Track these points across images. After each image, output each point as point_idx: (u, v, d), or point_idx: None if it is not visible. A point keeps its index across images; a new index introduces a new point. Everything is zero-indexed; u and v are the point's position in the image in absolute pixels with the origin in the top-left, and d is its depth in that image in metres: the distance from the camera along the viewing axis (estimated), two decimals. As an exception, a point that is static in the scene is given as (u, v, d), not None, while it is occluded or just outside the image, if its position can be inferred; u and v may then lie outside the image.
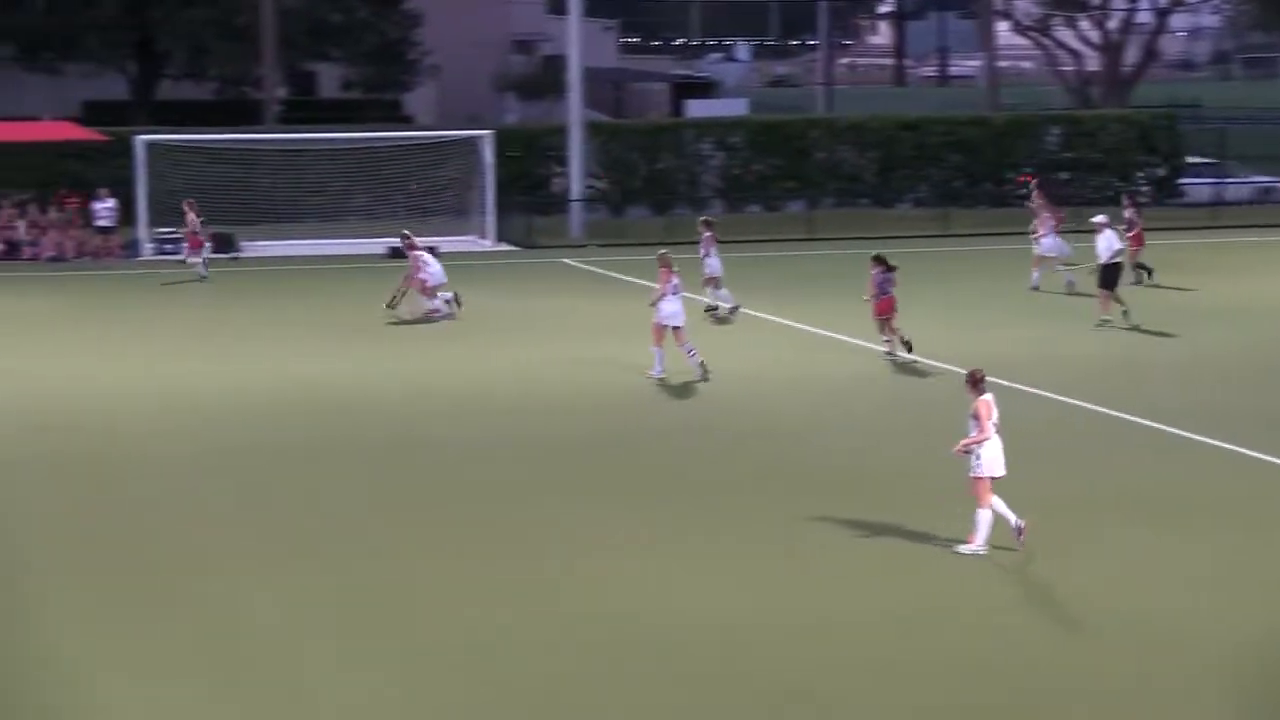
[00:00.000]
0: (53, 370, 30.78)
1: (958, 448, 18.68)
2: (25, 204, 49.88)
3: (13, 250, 47.95)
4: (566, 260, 47.52)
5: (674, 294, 28.91)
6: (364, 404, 27.61)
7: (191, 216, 43.23)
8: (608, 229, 53.33)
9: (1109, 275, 35.05)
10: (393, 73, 72.54)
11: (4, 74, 70.61)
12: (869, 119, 62.12)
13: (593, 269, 45.62)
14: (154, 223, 49.29)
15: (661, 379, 28.90)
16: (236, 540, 19.84)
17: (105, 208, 48.92)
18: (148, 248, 48.92)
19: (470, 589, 17.92)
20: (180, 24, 66.22)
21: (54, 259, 47.87)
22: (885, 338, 31.28)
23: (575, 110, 54.91)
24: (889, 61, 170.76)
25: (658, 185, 57.95)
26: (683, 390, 28.50)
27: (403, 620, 16.92)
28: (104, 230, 48.92)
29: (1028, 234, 41.22)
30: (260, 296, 41.13)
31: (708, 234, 35.90)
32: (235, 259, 47.92)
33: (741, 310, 36.25)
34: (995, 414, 18.53)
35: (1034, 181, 45.71)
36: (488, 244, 51.47)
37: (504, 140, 53.88)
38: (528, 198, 54.49)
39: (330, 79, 74.95)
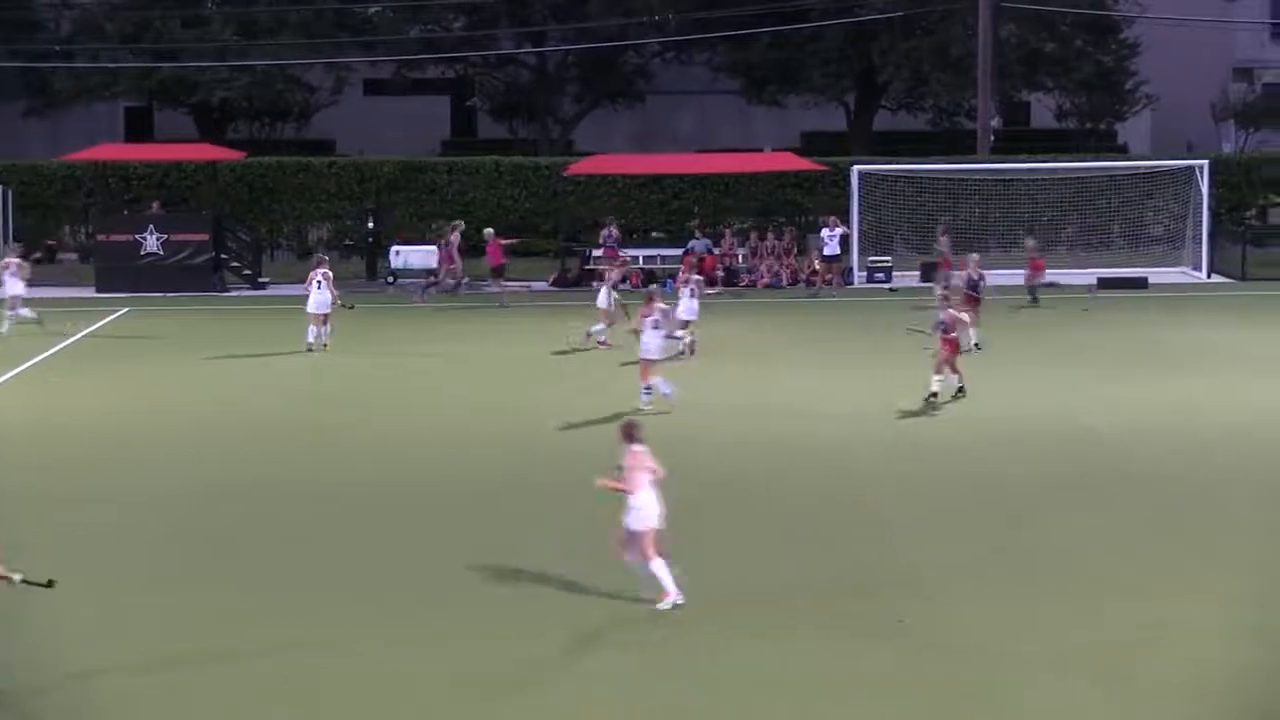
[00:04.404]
0: (752, 390, 31.77)
1: (602, 483, 18.15)
2: (746, 232, 52.30)
3: (731, 276, 50.02)
4: (1284, 293, 46.04)
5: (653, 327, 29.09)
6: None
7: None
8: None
9: None
10: (1108, 102, 71.80)
11: (732, 107, 74.22)
12: None
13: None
14: (866, 251, 50.68)
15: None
16: (944, 561, 19.82)
17: (831, 235, 48.69)
18: (860, 276, 50.24)
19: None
20: (901, 55, 67.46)
21: (770, 286, 49.85)
22: None
23: (1297, 139, 53.24)
24: None
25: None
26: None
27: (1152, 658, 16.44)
28: (829, 258, 48.93)
29: None
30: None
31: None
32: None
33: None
34: (649, 467, 17.89)
35: None
36: (1199, 275, 50.45)
37: (1220, 169, 52.69)
38: (1242, 229, 53.15)
39: (1043, 109, 74.95)
